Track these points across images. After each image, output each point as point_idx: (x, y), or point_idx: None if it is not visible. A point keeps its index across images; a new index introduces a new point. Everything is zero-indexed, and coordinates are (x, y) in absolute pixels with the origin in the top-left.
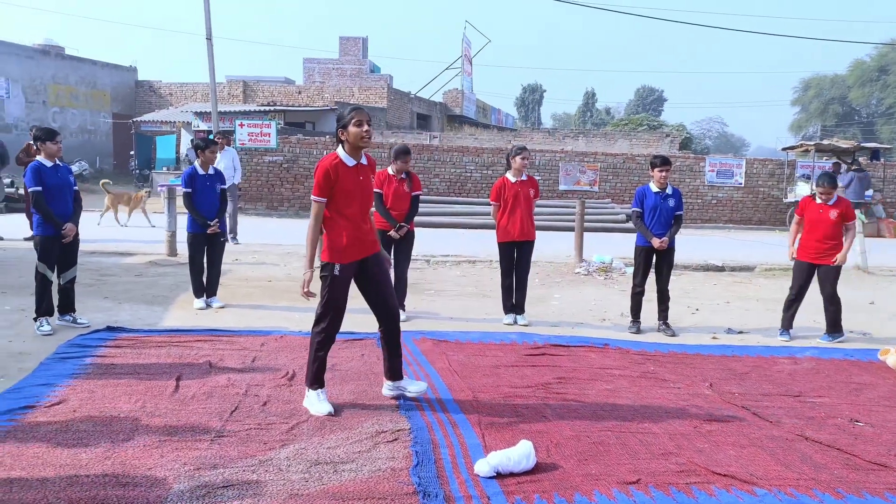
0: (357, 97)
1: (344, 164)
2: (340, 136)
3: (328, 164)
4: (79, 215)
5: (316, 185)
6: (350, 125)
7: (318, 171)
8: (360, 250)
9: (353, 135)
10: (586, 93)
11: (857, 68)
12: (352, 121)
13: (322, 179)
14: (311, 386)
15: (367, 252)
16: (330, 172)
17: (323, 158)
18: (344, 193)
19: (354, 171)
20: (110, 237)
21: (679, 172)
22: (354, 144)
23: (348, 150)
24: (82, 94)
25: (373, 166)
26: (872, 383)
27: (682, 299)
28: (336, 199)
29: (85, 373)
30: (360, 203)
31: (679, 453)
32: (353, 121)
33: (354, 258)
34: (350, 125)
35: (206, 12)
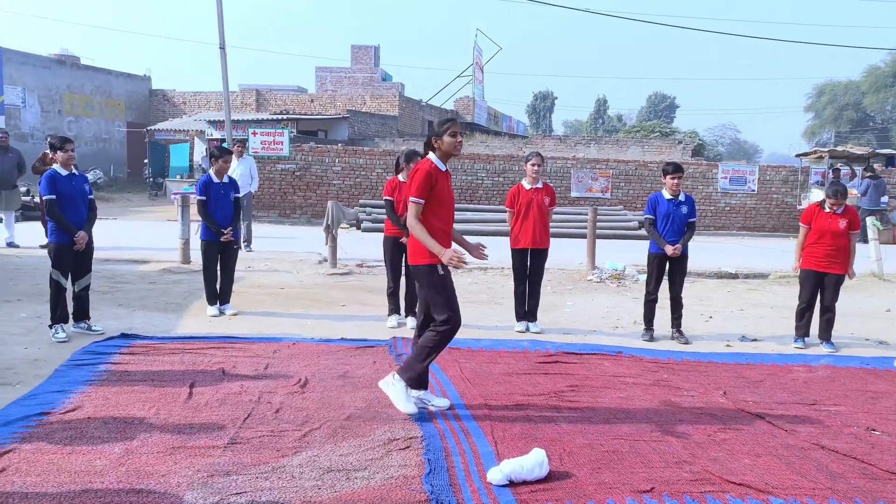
0: (369, 105)
1: (438, 169)
2: (434, 143)
3: (429, 166)
4: (93, 223)
5: (416, 187)
6: (445, 135)
7: (420, 174)
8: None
9: (448, 144)
10: (598, 100)
11: (872, 74)
12: (447, 131)
13: (424, 181)
14: (410, 384)
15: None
16: (432, 174)
17: (421, 162)
18: (438, 197)
19: (445, 176)
20: (125, 244)
21: (692, 179)
22: (447, 153)
23: (440, 156)
24: (97, 103)
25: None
26: (889, 391)
27: (695, 307)
28: (431, 203)
29: (99, 379)
30: (450, 208)
31: (693, 462)
32: (448, 131)
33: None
34: (445, 135)
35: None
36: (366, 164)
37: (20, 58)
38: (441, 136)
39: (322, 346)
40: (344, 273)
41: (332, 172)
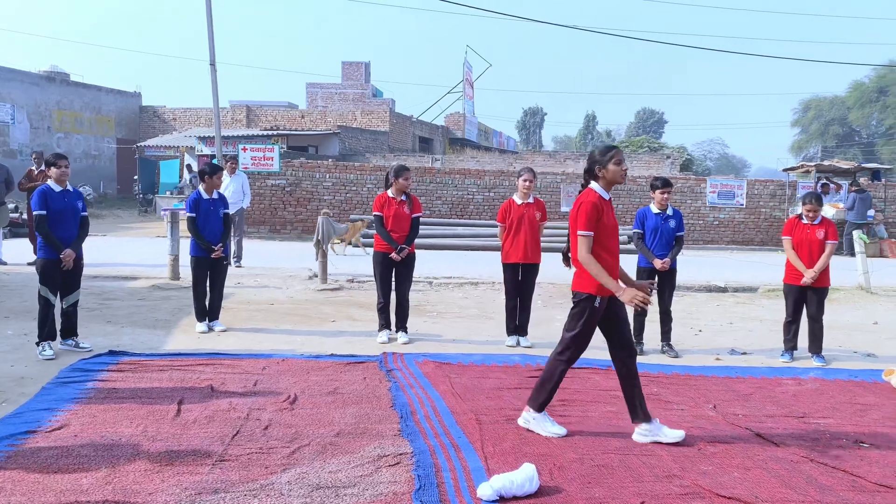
0: (359, 121)
1: (603, 199)
2: (597, 172)
3: (596, 198)
4: (82, 240)
5: (586, 220)
6: (610, 163)
7: (587, 206)
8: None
9: (614, 173)
10: (587, 115)
11: (857, 90)
12: (611, 159)
13: (592, 213)
14: (540, 409)
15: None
16: (598, 206)
17: (586, 194)
18: (606, 228)
19: (608, 205)
20: (114, 261)
21: (680, 194)
22: (611, 181)
23: (604, 185)
24: (87, 119)
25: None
26: (877, 404)
27: (685, 320)
28: (599, 234)
29: (87, 397)
30: (616, 238)
31: (683, 475)
32: (612, 159)
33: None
34: (610, 163)
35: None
36: (356, 180)
37: (9, 74)
38: (605, 164)
39: (311, 363)
40: (334, 288)
41: (323, 188)
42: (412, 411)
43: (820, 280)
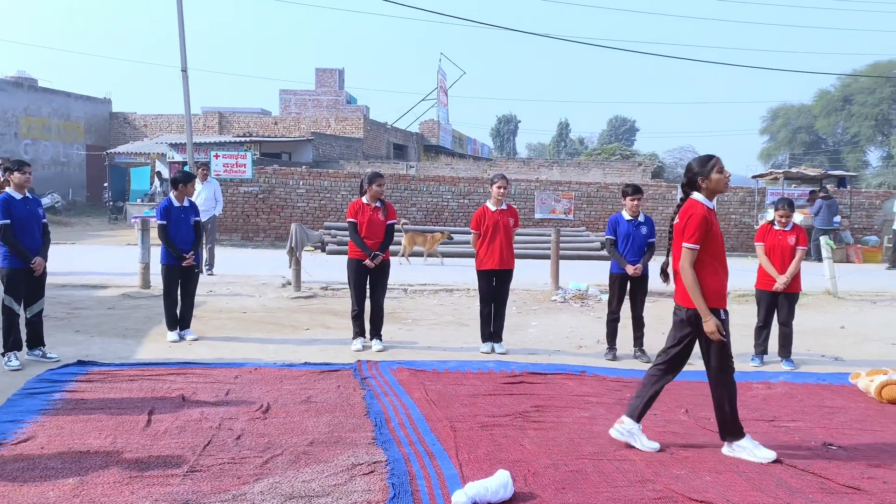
0: (333, 128)
1: (710, 210)
2: (700, 183)
3: (704, 210)
4: (48, 248)
5: (694, 232)
6: (713, 172)
7: (696, 219)
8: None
9: (717, 181)
10: (560, 123)
11: (823, 98)
12: (714, 168)
13: (702, 226)
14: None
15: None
16: (707, 218)
17: (692, 206)
18: (716, 238)
19: (714, 215)
20: (83, 269)
21: (652, 200)
22: (715, 190)
23: (707, 195)
24: (55, 125)
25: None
26: (845, 407)
27: (657, 326)
28: (708, 245)
29: (54, 408)
30: (723, 248)
31: (656, 480)
32: (715, 168)
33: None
34: (713, 172)
35: (182, 44)
36: (330, 187)
37: None
38: (708, 174)
39: (285, 371)
40: (308, 296)
41: (297, 195)
42: (386, 419)
43: (791, 286)
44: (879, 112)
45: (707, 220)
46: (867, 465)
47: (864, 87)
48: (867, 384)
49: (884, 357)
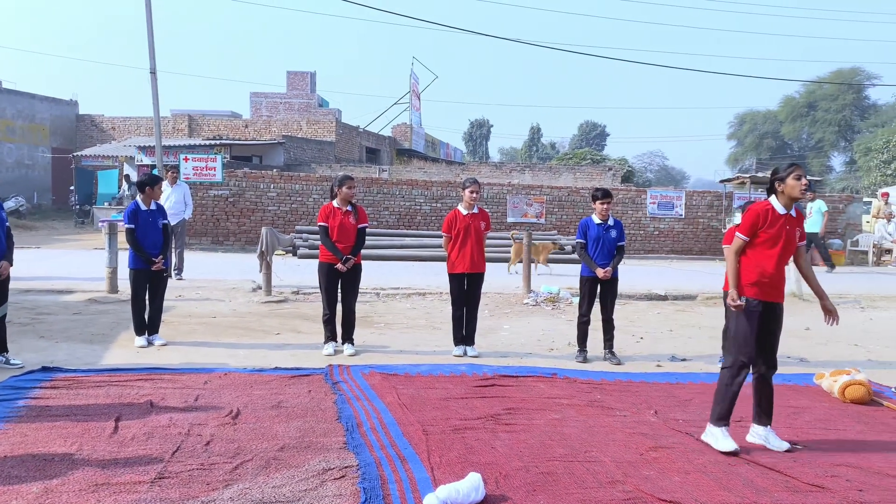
0: (305, 131)
1: (776, 212)
2: (777, 187)
3: (760, 209)
4: (12, 252)
5: (743, 224)
6: (789, 178)
7: (749, 212)
8: (764, 294)
9: (792, 187)
10: (532, 128)
11: (788, 104)
12: (791, 174)
13: (751, 220)
14: (717, 423)
15: (772, 299)
16: (760, 216)
17: (756, 204)
18: (769, 238)
19: (785, 219)
20: (48, 274)
21: (622, 205)
22: (790, 196)
23: (782, 200)
24: (19, 127)
25: (801, 219)
26: (809, 407)
27: (626, 328)
28: (756, 243)
29: (17, 416)
30: (782, 249)
31: (626, 481)
32: (792, 174)
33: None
34: (789, 178)
35: (150, 46)
36: (302, 190)
37: None
38: (784, 179)
39: (255, 376)
40: (279, 300)
41: (267, 198)
42: (358, 423)
43: None
44: (842, 118)
45: (759, 216)
46: (831, 464)
47: (827, 94)
48: (831, 384)
49: (847, 358)
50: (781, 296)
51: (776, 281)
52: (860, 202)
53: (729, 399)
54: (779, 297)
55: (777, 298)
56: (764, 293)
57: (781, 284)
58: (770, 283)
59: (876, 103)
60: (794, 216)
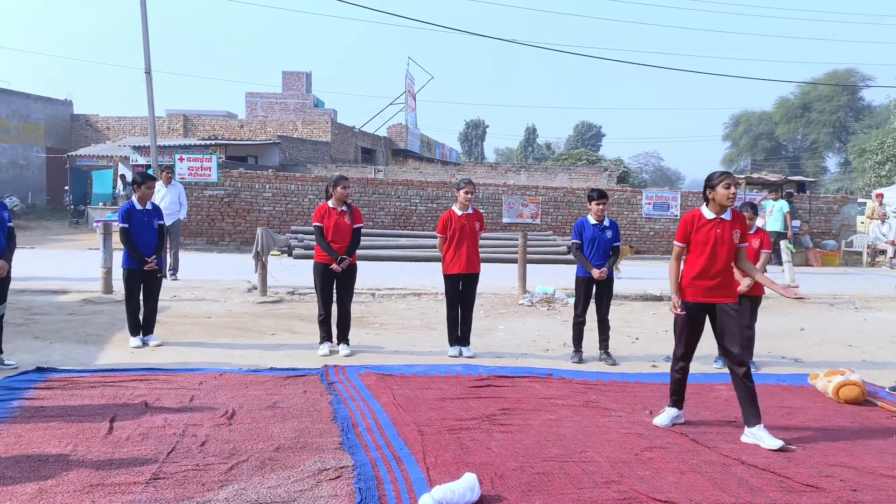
0: (300, 131)
1: (703, 217)
2: (708, 194)
3: (689, 216)
4: (12, 252)
5: (678, 232)
6: (719, 186)
7: (681, 222)
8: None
9: (721, 195)
10: (527, 128)
11: (783, 105)
12: (721, 182)
13: (682, 228)
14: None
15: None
16: (688, 223)
17: (688, 212)
18: (698, 242)
19: (714, 223)
20: (42, 274)
21: (617, 205)
22: (720, 203)
23: (712, 207)
24: (14, 127)
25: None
26: (804, 407)
27: (622, 328)
28: (690, 248)
29: (11, 416)
30: (712, 252)
31: (621, 481)
32: (722, 183)
33: (696, 299)
34: (719, 186)
35: (146, 46)
36: (297, 190)
37: None
38: (715, 187)
39: (250, 377)
40: (274, 301)
41: (263, 198)
42: (353, 424)
43: (754, 289)
44: (837, 119)
45: (688, 222)
46: (825, 464)
47: (822, 95)
48: (825, 385)
49: (841, 358)
50: (728, 296)
51: (712, 282)
52: (854, 203)
53: (673, 387)
54: (721, 298)
55: (718, 299)
56: (699, 294)
57: (724, 285)
58: (704, 284)
59: (870, 104)
60: (729, 219)
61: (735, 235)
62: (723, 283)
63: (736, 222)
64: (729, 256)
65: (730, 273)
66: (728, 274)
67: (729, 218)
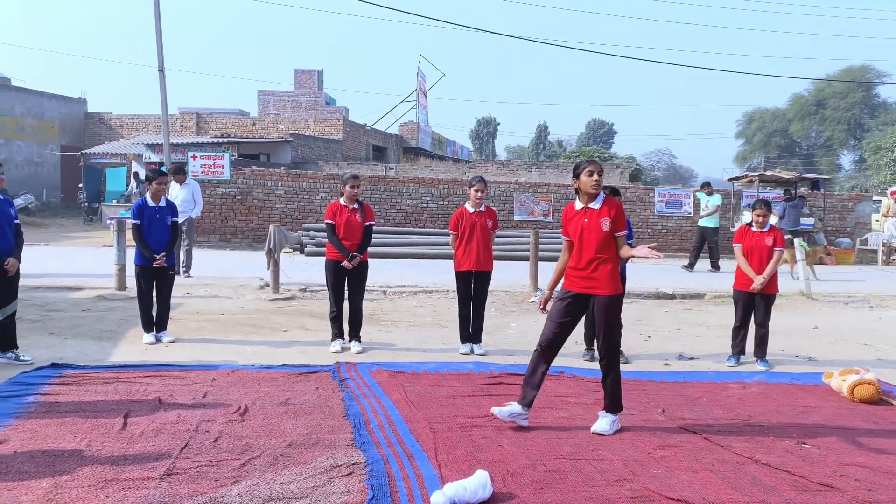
0: (312, 129)
1: (573, 208)
2: (574, 184)
3: (566, 207)
4: (21, 249)
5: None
6: (582, 174)
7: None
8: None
9: (584, 183)
10: (539, 126)
11: (797, 102)
12: (584, 170)
13: (562, 220)
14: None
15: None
16: (563, 215)
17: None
18: (570, 232)
19: (582, 213)
20: (57, 271)
21: (629, 203)
22: (584, 192)
23: (580, 196)
24: (29, 125)
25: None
26: (818, 406)
27: (634, 327)
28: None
29: (27, 412)
30: (580, 242)
31: (633, 479)
32: (585, 170)
33: (569, 287)
34: (582, 174)
35: (159, 44)
36: (309, 188)
37: None
38: (579, 175)
39: (263, 373)
40: (286, 298)
41: (275, 196)
42: (365, 421)
43: (768, 286)
44: (852, 116)
45: (564, 215)
46: (840, 464)
47: (837, 92)
48: (840, 384)
49: (856, 357)
50: (601, 288)
51: (584, 273)
52: (870, 201)
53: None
54: (594, 290)
55: (592, 290)
56: (572, 284)
57: (598, 276)
58: (577, 274)
59: (886, 101)
60: (598, 208)
61: (603, 224)
62: (596, 275)
63: (605, 211)
64: (600, 246)
65: (606, 264)
66: (604, 265)
67: (597, 206)
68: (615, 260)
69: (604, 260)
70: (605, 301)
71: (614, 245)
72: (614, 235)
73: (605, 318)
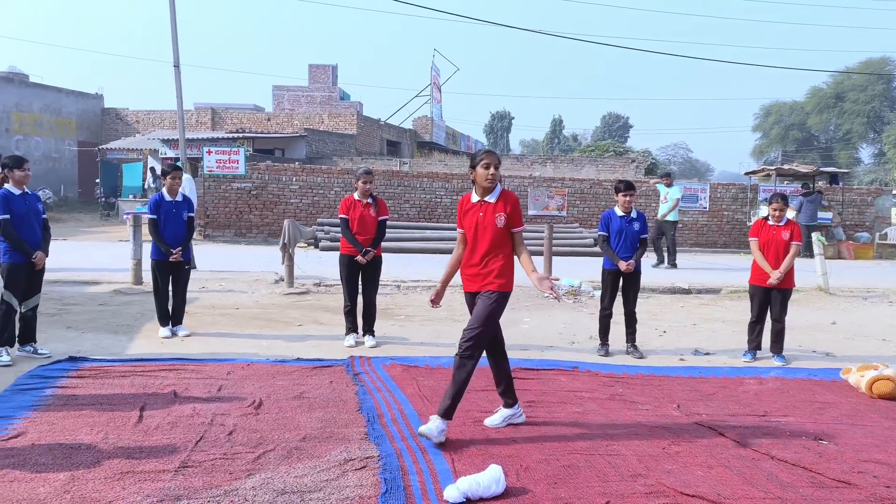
0: (326, 124)
1: (469, 201)
2: (471, 175)
3: (461, 200)
4: (48, 243)
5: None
6: (478, 166)
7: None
8: (468, 283)
9: (479, 175)
10: (554, 120)
11: (815, 95)
12: (480, 162)
13: (458, 210)
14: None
15: (475, 287)
16: (459, 207)
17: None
18: (465, 227)
19: (477, 206)
20: (74, 265)
21: (645, 197)
22: (480, 184)
23: (476, 188)
24: (46, 121)
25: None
26: (835, 402)
27: (649, 322)
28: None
29: (45, 404)
30: (475, 236)
31: (648, 475)
32: (481, 162)
33: (466, 289)
34: (478, 166)
35: (174, 40)
36: (324, 183)
37: None
38: (475, 167)
39: (277, 367)
40: (301, 292)
41: (290, 191)
42: (379, 414)
43: (785, 281)
44: (871, 109)
45: (459, 206)
46: (858, 460)
47: (856, 85)
48: (858, 379)
49: (874, 353)
50: (489, 284)
51: (475, 269)
52: (889, 195)
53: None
54: (481, 285)
55: (478, 286)
56: (469, 284)
57: (487, 273)
58: (471, 272)
59: None
60: (493, 202)
61: (498, 219)
62: (486, 270)
63: (500, 206)
64: (494, 242)
65: (498, 260)
66: (495, 260)
67: (493, 200)
68: (509, 256)
69: (497, 256)
70: (491, 295)
71: (509, 241)
72: (510, 231)
73: (482, 312)
